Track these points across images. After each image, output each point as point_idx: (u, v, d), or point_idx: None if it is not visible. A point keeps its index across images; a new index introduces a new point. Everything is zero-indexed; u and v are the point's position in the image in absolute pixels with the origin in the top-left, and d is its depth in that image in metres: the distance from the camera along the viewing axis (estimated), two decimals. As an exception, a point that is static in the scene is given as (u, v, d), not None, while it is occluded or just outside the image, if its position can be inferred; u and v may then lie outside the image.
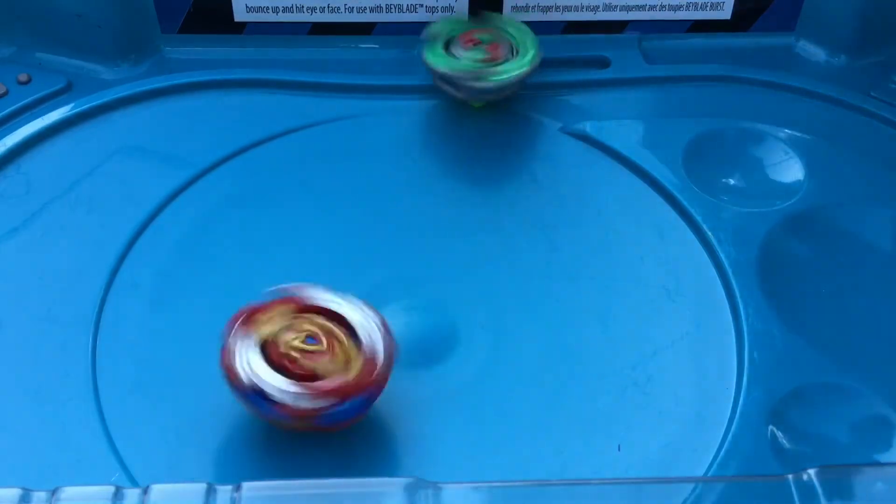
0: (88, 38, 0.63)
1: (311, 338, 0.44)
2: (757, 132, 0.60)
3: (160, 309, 0.52)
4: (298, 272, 0.49)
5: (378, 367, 0.44)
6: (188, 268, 0.54)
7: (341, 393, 0.43)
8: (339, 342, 0.44)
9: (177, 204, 0.56)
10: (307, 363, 0.43)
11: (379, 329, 0.45)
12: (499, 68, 0.59)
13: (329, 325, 0.45)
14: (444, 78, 0.59)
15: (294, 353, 0.44)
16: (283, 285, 0.46)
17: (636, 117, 0.62)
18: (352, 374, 0.43)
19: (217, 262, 0.54)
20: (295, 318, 0.45)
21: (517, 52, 0.60)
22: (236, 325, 0.44)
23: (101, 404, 0.47)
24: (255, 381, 0.43)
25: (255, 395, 0.43)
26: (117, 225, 0.55)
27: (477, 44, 0.60)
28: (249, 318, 0.45)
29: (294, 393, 0.42)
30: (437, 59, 0.59)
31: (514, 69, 0.59)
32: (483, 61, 0.59)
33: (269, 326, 0.44)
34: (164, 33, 0.65)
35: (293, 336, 0.44)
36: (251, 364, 0.43)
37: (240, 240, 0.55)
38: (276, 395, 0.43)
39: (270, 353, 0.44)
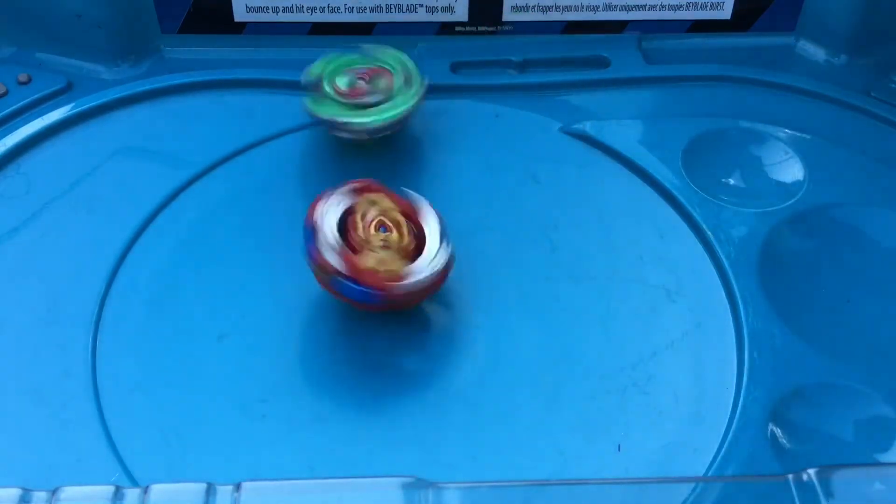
0: (88, 38, 0.63)
1: (383, 227, 0.49)
2: (757, 132, 0.60)
3: (160, 309, 0.52)
4: (299, 271, 0.49)
5: (395, 287, 0.47)
6: (188, 267, 0.54)
7: (352, 272, 0.47)
8: (404, 240, 0.49)
9: (177, 204, 0.56)
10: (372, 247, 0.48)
11: (442, 263, 0.49)
12: (385, 105, 0.57)
13: (404, 221, 0.49)
14: (330, 123, 0.57)
15: (364, 236, 0.48)
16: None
17: (636, 117, 0.62)
18: (388, 269, 0.48)
19: (217, 262, 0.54)
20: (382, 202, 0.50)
21: (402, 86, 0.57)
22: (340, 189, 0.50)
23: (101, 404, 0.47)
24: (319, 222, 0.48)
25: (308, 230, 0.49)
26: (117, 225, 0.55)
27: (360, 81, 0.57)
28: (364, 188, 0.50)
29: (332, 247, 0.48)
30: (321, 107, 0.57)
31: (400, 105, 0.57)
32: (368, 100, 0.57)
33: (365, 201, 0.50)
34: (164, 33, 0.65)
35: (372, 218, 0.49)
36: (326, 216, 0.49)
37: (240, 240, 0.55)
38: (322, 244, 0.48)
39: (349, 226, 0.49)
